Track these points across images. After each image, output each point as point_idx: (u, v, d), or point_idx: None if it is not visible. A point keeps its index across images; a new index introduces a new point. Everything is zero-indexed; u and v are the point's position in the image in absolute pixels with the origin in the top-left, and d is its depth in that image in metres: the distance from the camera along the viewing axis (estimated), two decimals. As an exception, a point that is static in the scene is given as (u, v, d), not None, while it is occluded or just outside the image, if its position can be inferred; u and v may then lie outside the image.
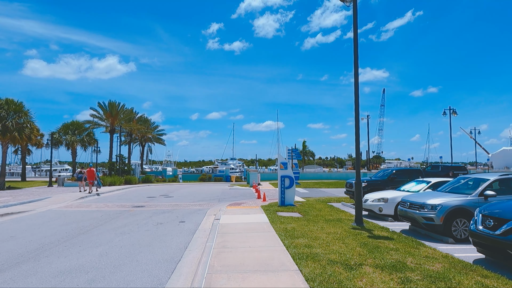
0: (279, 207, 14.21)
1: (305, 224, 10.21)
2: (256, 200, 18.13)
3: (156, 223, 11.46)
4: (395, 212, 11.60)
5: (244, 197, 20.91)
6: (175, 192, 25.62)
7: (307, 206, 14.78)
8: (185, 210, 14.55)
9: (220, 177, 48.06)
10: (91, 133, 40.24)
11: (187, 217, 12.63)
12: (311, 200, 18.24)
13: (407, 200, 9.51)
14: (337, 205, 16.05)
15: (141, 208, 15.36)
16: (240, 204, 16.27)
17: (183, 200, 19.27)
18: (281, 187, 14.97)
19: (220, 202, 17.82)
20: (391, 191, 12.79)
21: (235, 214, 12.49)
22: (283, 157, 15.56)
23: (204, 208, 15.45)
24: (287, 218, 11.34)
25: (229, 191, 25.85)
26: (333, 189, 27.07)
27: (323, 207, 14.58)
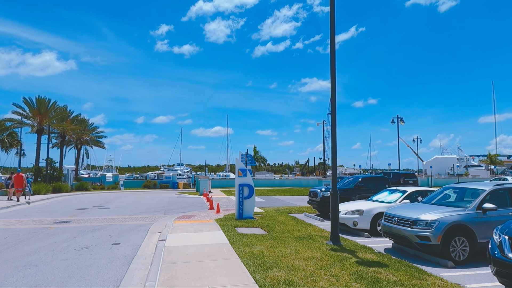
0: (237, 221, 12.19)
1: (273, 244, 8.32)
2: (209, 212, 15.91)
3: (81, 247, 8.79)
4: (371, 226, 10.20)
5: (194, 207, 18.53)
6: (113, 202, 22.33)
7: (269, 219, 12.95)
8: (122, 227, 11.89)
9: (166, 183, 44.61)
10: (14, 133, 34.65)
11: (123, 237, 10.07)
12: (269, 210, 16.48)
13: (394, 214, 8.07)
14: (300, 216, 14.46)
15: (64, 225, 12.35)
16: (191, 217, 13.95)
17: (121, 212, 16.37)
18: (239, 197, 12.97)
19: (166, 215, 15.30)
20: (364, 202, 11.44)
21: (185, 231, 10.21)
22: (241, 163, 13.61)
23: (146, 223, 12.88)
24: (250, 236, 9.36)
25: (176, 201, 23.19)
26: (289, 197, 25.67)
27: (287, 220, 12.86)
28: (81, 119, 43.59)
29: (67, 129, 37.28)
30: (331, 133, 9.28)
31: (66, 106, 38.32)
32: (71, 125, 38.40)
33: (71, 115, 41.07)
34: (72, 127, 38.30)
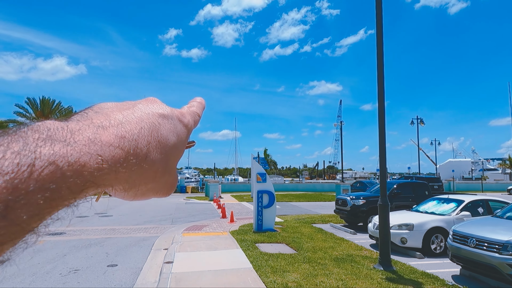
0: (256, 234, 10.40)
1: (310, 271, 6.51)
2: (221, 221, 14.14)
3: (68, 270, 7.09)
4: (424, 245, 8.32)
5: (205, 215, 16.78)
6: (117, 208, 20.71)
7: (292, 231, 11.14)
8: (122, 241, 10.19)
9: (174, 187, 43.01)
10: (17, 135, 33.42)
11: (122, 255, 8.36)
12: (289, 219, 14.65)
13: (469, 234, 6.20)
14: (326, 227, 12.61)
15: (57, 238, 10.70)
16: (201, 228, 12.21)
17: (124, 221, 14.70)
18: (257, 206, 11.19)
19: (174, 224, 13.58)
20: (409, 213, 9.57)
21: (196, 248, 8.46)
22: (259, 166, 11.84)
23: (151, 235, 11.17)
24: (277, 257, 7.57)
25: (185, 207, 21.50)
26: (306, 203, 23.80)
27: (313, 233, 11.04)
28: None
29: (72, 131, 35.92)
30: (379, 136, 7.48)
31: (71, 107, 37.04)
32: (76, 127, 37.02)
33: (76, 117, 39.74)
34: None
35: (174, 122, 0.40)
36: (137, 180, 0.33)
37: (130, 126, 0.33)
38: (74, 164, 0.26)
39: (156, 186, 0.36)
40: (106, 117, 0.33)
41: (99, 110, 0.35)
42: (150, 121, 0.36)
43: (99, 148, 0.28)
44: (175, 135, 0.39)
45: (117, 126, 0.32)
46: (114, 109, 0.35)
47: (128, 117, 0.34)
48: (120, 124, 0.32)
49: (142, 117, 0.36)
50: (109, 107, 0.36)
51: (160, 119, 0.37)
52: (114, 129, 0.31)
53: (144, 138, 0.33)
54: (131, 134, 0.32)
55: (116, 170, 0.29)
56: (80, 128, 0.29)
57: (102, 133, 0.30)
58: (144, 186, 0.35)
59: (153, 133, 0.35)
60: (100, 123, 0.31)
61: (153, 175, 0.35)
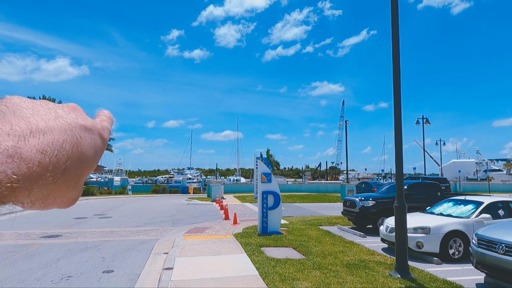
0: (261, 237, 9.89)
1: (321, 279, 5.98)
2: (224, 223, 13.63)
3: (61, 276, 6.60)
4: (441, 249, 7.78)
5: (207, 217, 16.28)
6: (117, 209, 20.25)
7: (298, 234, 10.62)
8: (120, 244, 9.69)
9: (176, 188, 42.63)
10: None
11: (119, 260, 7.86)
12: (294, 221, 14.13)
13: (497, 239, 5.66)
14: (334, 230, 12.07)
15: (52, 240, 10.21)
16: (203, 230, 11.70)
17: (123, 222, 14.21)
18: (262, 207, 10.67)
19: (175, 226, 13.09)
20: (423, 215, 9.03)
21: (198, 253, 7.95)
22: (265, 166, 11.32)
23: (150, 238, 10.67)
24: (284, 263, 7.05)
25: (186, 208, 21.00)
26: (310, 205, 23.26)
27: (320, 236, 10.51)
28: (88, 121, 41.81)
29: (72, 131, 35.47)
30: (395, 135, 6.95)
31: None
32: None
33: (77, 117, 39.29)
34: None
35: (95, 137, 0.38)
36: (47, 194, 0.31)
37: (52, 138, 0.31)
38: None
39: (61, 200, 0.35)
40: (27, 123, 0.30)
41: (16, 109, 0.31)
42: (72, 134, 0.33)
43: (16, 166, 0.27)
44: (93, 151, 0.37)
45: (38, 137, 0.29)
46: (34, 112, 0.32)
47: (51, 126, 0.32)
48: (42, 134, 0.30)
49: (65, 129, 0.33)
50: (28, 107, 0.33)
51: (82, 132, 0.35)
52: (35, 140, 0.29)
53: (65, 153, 0.31)
54: (53, 148, 0.30)
55: (29, 188, 0.28)
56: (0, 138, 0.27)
57: (22, 146, 0.28)
58: (50, 200, 0.33)
59: (74, 148, 0.33)
60: (21, 132, 0.29)
61: (64, 190, 0.33)
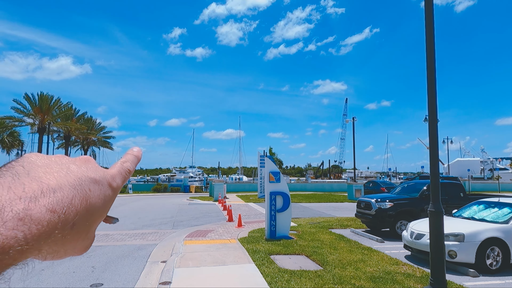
0: (269, 243, 8.96)
1: (346, 298, 5.05)
2: (228, 225, 12.71)
3: (41, 292, 5.69)
4: (477, 259, 6.82)
5: (209, 218, 15.37)
6: (116, 209, 19.36)
7: (310, 239, 9.69)
8: (114, 250, 8.77)
9: (177, 187, 41.80)
10: (15, 132, 32.27)
11: (111, 271, 6.95)
12: (303, 224, 13.20)
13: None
14: (347, 233, 11.13)
15: (40, 246, 9.31)
16: (206, 233, 10.79)
17: (120, 224, 13.30)
18: (270, 209, 9.74)
19: (175, 229, 12.18)
20: (455, 221, 8.06)
21: (200, 262, 7.02)
22: (273, 164, 10.38)
23: (148, 242, 9.76)
24: (299, 276, 6.11)
25: (188, 208, 20.09)
26: (317, 205, 22.31)
27: (334, 241, 9.58)
28: (87, 118, 41.11)
29: (71, 128, 34.73)
30: (429, 130, 6.00)
31: (70, 103, 35.86)
32: (76, 125, 35.84)
33: (76, 114, 38.59)
34: (78, 127, 35.74)
35: (104, 188, 0.39)
36: (57, 249, 0.32)
37: (62, 195, 0.32)
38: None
39: (73, 251, 0.36)
40: (38, 183, 0.31)
41: (31, 169, 0.33)
42: (81, 189, 0.34)
43: (26, 228, 0.28)
44: (102, 202, 0.38)
45: (48, 196, 0.31)
46: (47, 171, 0.34)
47: (61, 183, 0.33)
48: (53, 193, 0.31)
49: (75, 184, 0.34)
50: (41, 165, 0.34)
51: (91, 185, 0.36)
52: (46, 200, 0.30)
53: (74, 209, 0.32)
54: (62, 206, 0.31)
55: (39, 248, 0.29)
56: (11, 202, 0.28)
57: (33, 208, 0.29)
58: (62, 252, 0.34)
59: (82, 202, 0.34)
60: (33, 194, 0.30)
61: (75, 243, 0.34)
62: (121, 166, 0.45)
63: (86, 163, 0.39)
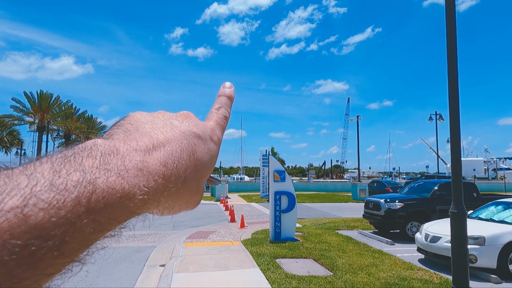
0: (274, 245, 8.50)
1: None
2: (230, 226, 12.27)
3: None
4: (499, 264, 6.35)
5: (211, 218, 14.93)
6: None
7: (316, 241, 9.23)
8: (111, 252, 8.34)
9: (178, 187, 41.29)
10: (14, 131, 31.91)
11: (106, 275, 6.51)
12: (308, 225, 12.74)
13: None
14: (354, 235, 10.66)
15: (34, 248, 8.88)
16: (207, 235, 10.34)
17: (119, 225, 12.86)
18: (275, 210, 9.29)
19: (176, 230, 11.74)
20: (473, 222, 7.55)
21: (201, 267, 6.57)
22: (277, 162, 9.92)
23: (146, 244, 9.33)
24: (307, 281, 5.66)
25: (189, 208, 19.64)
26: (321, 205, 21.85)
27: (341, 243, 9.12)
28: (88, 117, 40.74)
29: (71, 127, 34.36)
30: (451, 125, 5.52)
31: (70, 102, 35.47)
32: (76, 123, 35.47)
33: (76, 113, 38.22)
34: (78, 126, 35.37)
35: (207, 142, 0.39)
36: (172, 203, 0.34)
37: (171, 149, 0.33)
38: (123, 198, 0.27)
39: (186, 206, 0.37)
40: (149, 137, 0.32)
41: (139, 125, 0.34)
42: (187, 143, 0.35)
43: (145, 179, 0.29)
44: (208, 156, 0.38)
45: (159, 150, 0.32)
46: (154, 126, 0.35)
47: (168, 137, 0.34)
48: (163, 147, 0.32)
49: (181, 138, 0.35)
50: (146, 121, 0.35)
51: (195, 139, 0.36)
52: (158, 153, 0.31)
53: (184, 163, 0.33)
54: (173, 160, 0.32)
55: (158, 200, 0.30)
56: (129, 153, 0.29)
57: (148, 160, 0.30)
58: (176, 207, 0.36)
59: (190, 156, 0.34)
60: (146, 146, 0.31)
61: (187, 198, 0.35)
62: (216, 115, 0.44)
63: (187, 118, 0.39)
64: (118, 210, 0.26)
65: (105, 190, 0.25)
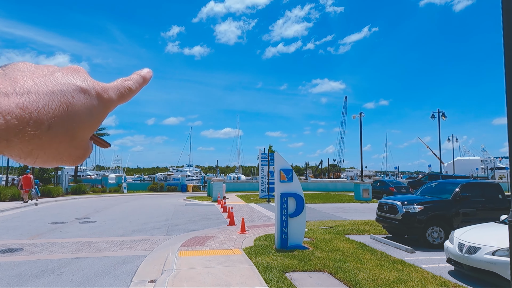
0: (281, 255, 7.45)
1: None
2: (229, 230, 11.20)
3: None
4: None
5: (208, 221, 13.85)
6: (106, 211, 17.80)
7: (327, 248, 8.21)
8: (94, 264, 7.22)
9: (174, 186, 40.25)
10: None
11: (84, 295, 5.41)
12: (314, 228, 11.76)
13: None
14: (367, 240, 9.65)
15: (5, 258, 7.73)
16: (204, 241, 9.27)
17: (107, 229, 11.75)
18: (281, 214, 8.25)
19: (170, 235, 10.65)
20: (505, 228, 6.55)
21: (198, 284, 5.50)
22: (284, 160, 8.86)
23: (136, 253, 8.23)
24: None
25: (185, 210, 18.54)
26: (323, 205, 20.85)
27: (356, 251, 8.10)
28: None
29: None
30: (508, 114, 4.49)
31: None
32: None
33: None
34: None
35: (90, 97, 0.38)
36: (35, 150, 0.33)
37: (37, 97, 0.32)
38: None
39: (59, 157, 0.36)
40: (13, 82, 0.32)
41: (11, 71, 0.34)
42: (62, 94, 0.34)
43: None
44: (87, 110, 0.37)
45: (21, 95, 0.31)
46: (27, 74, 0.34)
47: (38, 87, 0.33)
48: (26, 94, 0.32)
49: (54, 89, 0.34)
50: (24, 70, 0.35)
51: (75, 92, 0.36)
52: (17, 98, 0.31)
53: (50, 111, 0.33)
54: (36, 106, 0.32)
55: (7, 139, 0.30)
56: None
57: (2, 101, 0.30)
58: (45, 156, 0.34)
59: (62, 106, 0.34)
60: (4, 89, 0.31)
61: (55, 147, 0.35)
62: (120, 83, 0.44)
63: (74, 72, 0.38)
64: None
65: None
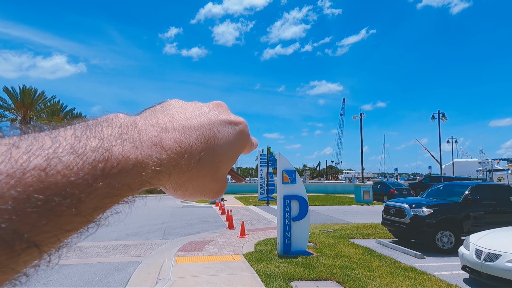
0: (284, 262, 7.00)
1: None
2: (228, 234, 10.73)
3: None
4: None
5: (206, 224, 13.36)
6: (100, 213, 17.23)
7: (332, 254, 7.77)
8: (84, 272, 6.73)
9: (171, 188, 39.60)
10: (-4, 129, 29.90)
11: (70, 307, 4.93)
12: (317, 232, 11.33)
13: None
14: (372, 245, 9.22)
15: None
16: (202, 246, 8.80)
17: (99, 233, 11.22)
18: (284, 217, 7.80)
19: (166, 239, 10.16)
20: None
21: (196, 295, 5.04)
22: (287, 161, 8.42)
23: (129, 260, 7.74)
24: (343, 322, 4.16)
25: (181, 212, 18.04)
26: (323, 208, 20.40)
27: (363, 256, 7.66)
28: (76, 114, 38.81)
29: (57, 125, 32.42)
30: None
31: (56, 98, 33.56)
32: (63, 121, 33.35)
33: (63, 110, 36.31)
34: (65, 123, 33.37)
35: (233, 131, 0.40)
36: (186, 182, 0.35)
37: (190, 132, 0.35)
38: (137, 166, 0.29)
39: (203, 190, 0.38)
40: (170, 118, 0.35)
41: (167, 108, 0.37)
42: (210, 129, 0.37)
43: (159, 152, 0.31)
44: (231, 145, 0.40)
45: (178, 131, 0.34)
46: (180, 111, 0.37)
47: (191, 122, 0.36)
48: (182, 129, 0.35)
49: (203, 124, 0.37)
50: (177, 106, 0.38)
51: (220, 126, 0.39)
52: (175, 133, 0.34)
53: (200, 145, 0.35)
54: (189, 140, 0.34)
55: (169, 173, 0.32)
56: (146, 128, 0.32)
57: (163, 136, 0.32)
58: (192, 189, 0.37)
59: (209, 141, 0.36)
60: (164, 125, 0.34)
61: (201, 180, 0.37)
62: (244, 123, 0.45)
63: (218, 107, 0.42)
64: (131, 177, 0.28)
65: (120, 157, 0.28)
